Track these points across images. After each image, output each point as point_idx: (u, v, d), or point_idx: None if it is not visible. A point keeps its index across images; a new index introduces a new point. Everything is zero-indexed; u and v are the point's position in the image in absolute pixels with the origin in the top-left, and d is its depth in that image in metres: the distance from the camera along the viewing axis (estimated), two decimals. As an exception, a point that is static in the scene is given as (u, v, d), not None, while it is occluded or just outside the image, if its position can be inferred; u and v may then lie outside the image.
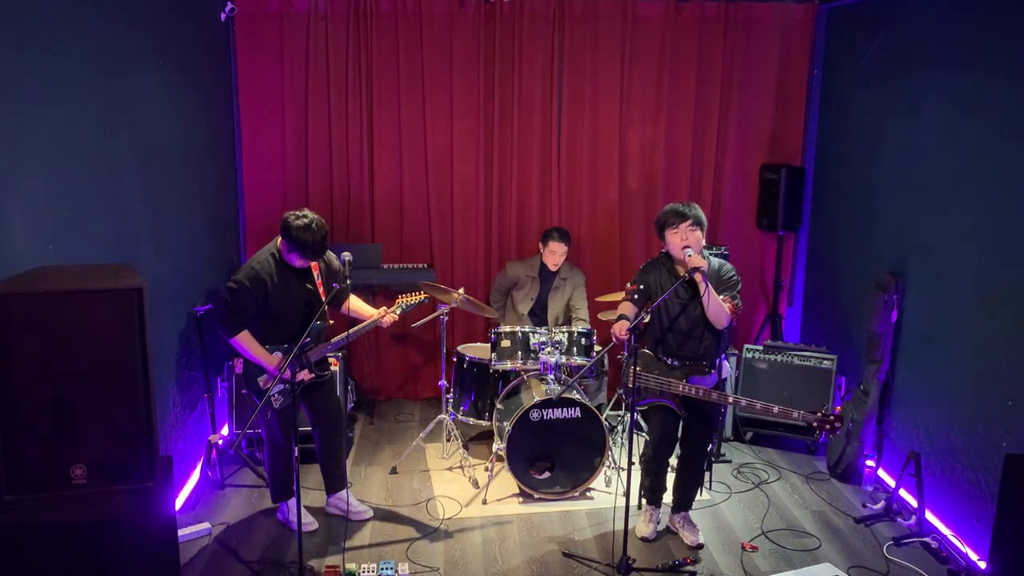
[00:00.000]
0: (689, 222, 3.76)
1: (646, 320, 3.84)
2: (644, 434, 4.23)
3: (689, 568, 3.84)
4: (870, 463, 4.84)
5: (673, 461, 4.22)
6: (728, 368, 4.18)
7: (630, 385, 3.78)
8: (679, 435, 4.08)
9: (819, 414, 3.65)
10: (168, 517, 2.79)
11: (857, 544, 4.09)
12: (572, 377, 4.62)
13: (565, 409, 4.38)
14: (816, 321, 5.81)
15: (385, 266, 5.50)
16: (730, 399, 3.93)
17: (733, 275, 3.87)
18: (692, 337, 3.86)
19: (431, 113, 5.59)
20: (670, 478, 4.19)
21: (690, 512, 4.18)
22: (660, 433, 4.01)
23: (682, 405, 3.91)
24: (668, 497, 4.20)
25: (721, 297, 3.78)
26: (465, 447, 5.00)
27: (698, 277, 3.72)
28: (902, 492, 4.33)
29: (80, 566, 2.61)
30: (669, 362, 3.92)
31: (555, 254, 5.13)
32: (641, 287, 3.91)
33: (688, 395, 3.83)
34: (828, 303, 5.60)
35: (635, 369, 3.70)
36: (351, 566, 3.74)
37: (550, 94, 5.63)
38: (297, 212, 3.72)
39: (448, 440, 5.08)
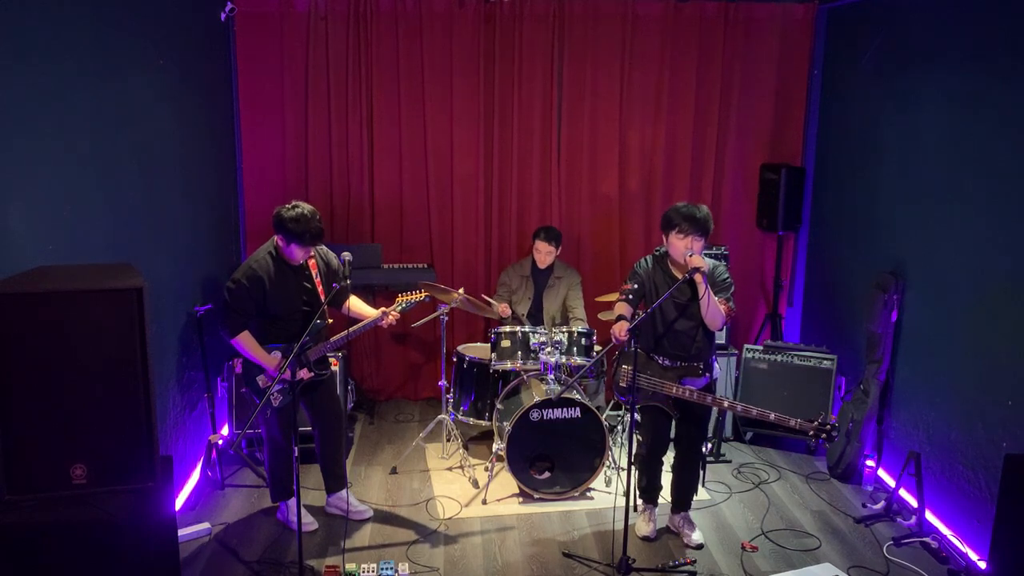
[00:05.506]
0: (698, 232, 3.75)
1: (643, 320, 3.84)
2: (639, 434, 4.23)
3: (689, 568, 3.84)
4: (870, 463, 4.84)
5: (671, 460, 4.22)
6: (718, 368, 4.17)
7: (622, 384, 3.77)
8: (672, 435, 4.07)
9: (816, 422, 3.64)
10: (168, 517, 2.79)
11: (857, 544, 4.09)
12: (572, 377, 4.62)
13: (565, 409, 4.38)
14: (816, 321, 5.81)
15: (385, 266, 5.50)
16: (725, 404, 3.92)
17: (726, 277, 3.87)
18: (686, 337, 3.86)
19: (431, 113, 5.59)
20: (667, 477, 4.19)
21: (690, 512, 4.18)
22: (653, 434, 4.01)
23: (674, 406, 3.91)
24: (668, 497, 4.21)
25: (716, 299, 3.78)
26: (465, 447, 5.00)
27: (698, 278, 3.71)
28: (902, 492, 4.33)
29: (80, 566, 2.61)
30: (662, 362, 3.92)
31: (540, 252, 5.15)
32: (635, 287, 3.91)
33: (682, 398, 3.83)
34: (828, 303, 5.60)
35: (632, 369, 3.69)
36: (351, 566, 3.74)
37: (550, 94, 5.63)
38: (287, 205, 3.72)
39: (448, 440, 5.08)
